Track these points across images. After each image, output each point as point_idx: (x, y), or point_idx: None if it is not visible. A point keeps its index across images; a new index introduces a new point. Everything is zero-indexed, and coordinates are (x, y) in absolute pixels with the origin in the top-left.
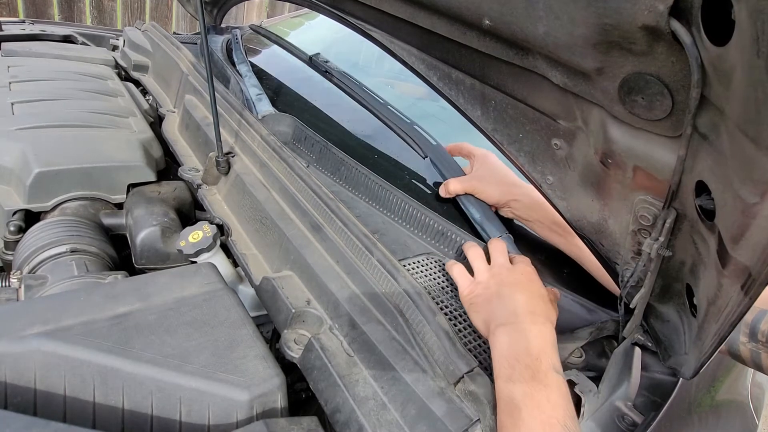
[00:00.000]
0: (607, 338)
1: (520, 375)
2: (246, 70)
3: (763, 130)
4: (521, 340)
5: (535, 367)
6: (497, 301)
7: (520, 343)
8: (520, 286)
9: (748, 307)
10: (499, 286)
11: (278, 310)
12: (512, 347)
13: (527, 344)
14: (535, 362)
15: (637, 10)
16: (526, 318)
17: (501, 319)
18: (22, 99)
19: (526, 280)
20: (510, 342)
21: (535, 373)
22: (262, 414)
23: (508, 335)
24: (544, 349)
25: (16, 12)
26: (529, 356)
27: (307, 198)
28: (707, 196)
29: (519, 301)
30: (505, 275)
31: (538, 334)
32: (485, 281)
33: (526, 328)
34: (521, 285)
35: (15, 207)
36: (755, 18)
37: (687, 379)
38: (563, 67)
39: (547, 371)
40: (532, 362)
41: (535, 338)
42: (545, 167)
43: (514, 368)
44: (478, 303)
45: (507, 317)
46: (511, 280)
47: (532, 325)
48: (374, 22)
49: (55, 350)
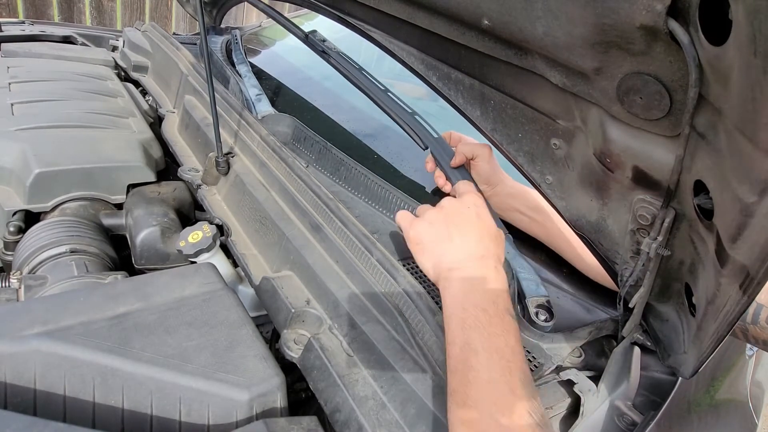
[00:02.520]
0: (606, 338)
1: (476, 320)
2: (245, 71)
3: (760, 129)
4: (475, 285)
5: (491, 311)
6: (447, 244)
7: (475, 288)
8: (471, 226)
9: (747, 306)
10: (448, 226)
11: (278, 310)
12: (466, 292)
13: (482, 288)
14: (491, 306)
15: (635, 10)
16: (478, 262)
17: (451, 263)
18: (21, 99)
19: (476, 218)
20: (463, 287)
21: (492, 317)
22: (261, 414)
23: (461, 280)
24: (499, 293)
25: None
26: (484, 300)
27: (307, 198)
28: (705, 195)
29: (470, 243)
30: (453, 209)
31: (492, 279)
32: (430, 215)
33: (480, 272)
34: (472, 224)
35: (15, 207)
36: (752, 18)
37: (686, 378)
38: (562, 67)
39: (503, 315)
40: (488, 306)
41: (490, 282)
42: (544, 167)
43: (469, 312)
44: (425, 243)
45: (458, 261)
46: (461, 219)
47: (485, 270)
48: (373, 22)
49: (54, 350)
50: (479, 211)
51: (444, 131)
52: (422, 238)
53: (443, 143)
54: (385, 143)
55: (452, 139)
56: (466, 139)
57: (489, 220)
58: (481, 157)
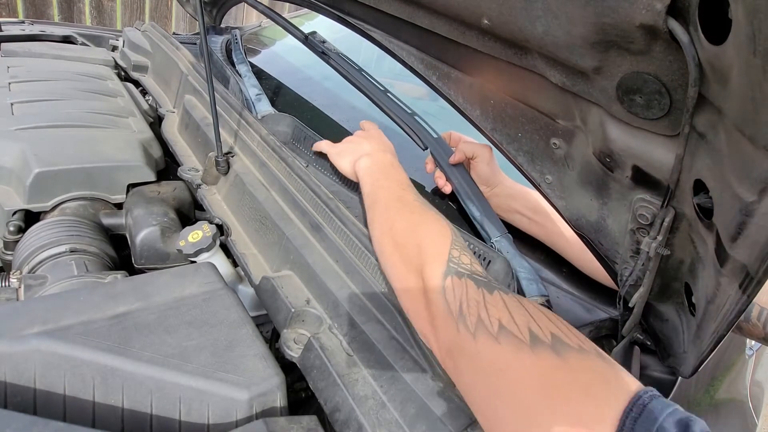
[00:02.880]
0: (606, 337)
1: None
2: (245, 71)
3: (760, 129)
4: (380, 161)
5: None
6: (357, 146)
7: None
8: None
9: (746, 305)
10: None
11: (278, 309)
12: (374, 164)
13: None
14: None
15: (635, 9)
16: (380, 153)
17: (360, 155)
18: (21, 99)
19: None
20: (372, 162)
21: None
22: (261, 413)
23: (370, 159)
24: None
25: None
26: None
27: (307, 198)
28: (705, 194)
29: (374, 143)
30: (356, 134)
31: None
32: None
33: (382, 155)
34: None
35: (15, 207)
36: (752, 17)
37: (686, 377)
38: (562, 67)
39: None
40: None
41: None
42: (544, 166)
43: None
44: (342, 150)
45: (363, 153)
46: (363, 135)
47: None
48: (373, 22)
49: (54, 350)
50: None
51: (444, 131)
52: (340, 149)
53: (443, 144)
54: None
55: (452, 139)
56: (466, 140)
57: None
58: (481, 157)
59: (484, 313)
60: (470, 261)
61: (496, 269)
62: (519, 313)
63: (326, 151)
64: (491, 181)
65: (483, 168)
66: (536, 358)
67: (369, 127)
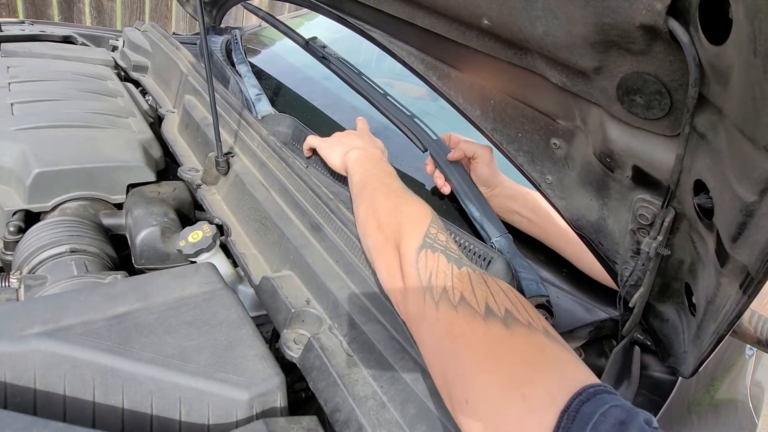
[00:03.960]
0: (606, 337)
1: (366, 168)
2: (245, 71)
3: (760, 129)
4: (370, 154)
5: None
6: (348, 140)
7: (370, 155)
8: (359, 131)
9: (747, 305)
10: (344, 136)
11: (278, 309)
12: (364, 156)
13: (369, 155)
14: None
15: (635, 9)
16: (370, 148)
17: (350, 148)
18: (21, 99)
19: (367, 135)
20: (363, 154)
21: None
22: (261, 413)
23: (361, 152)
24: (381, 158)
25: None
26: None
27: (307, 198)
28: (705, 194)
29: (363, 140)
30: (349, 131)
31: (374, 152)
32: (335, 134)
33: (370, 150)
34: (360, 131)
35: (15, 207)
36: (752, 17)
37: (686, 377)
38: (562, 67)
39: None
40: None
41: (374, 154)
42: (544, 167)
43: (363, 166)
44: (332, 143)
45: (352, 147)
46: (352, 132)
47: (374, 150)
48: (373, 22)
49: (54, 350)
50: (364, 128)
51: (444, 131)
52: (330, 142)
53: (442, 145)
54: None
55: (452, 140)
56: (466, 141)
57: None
58: (480, 158)
59: (449, 285)
60: (446, 239)
61: (496, 269)
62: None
63: (316, 146)
64: (491, 182)
65: (482, 169)
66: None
67: (362, 126)
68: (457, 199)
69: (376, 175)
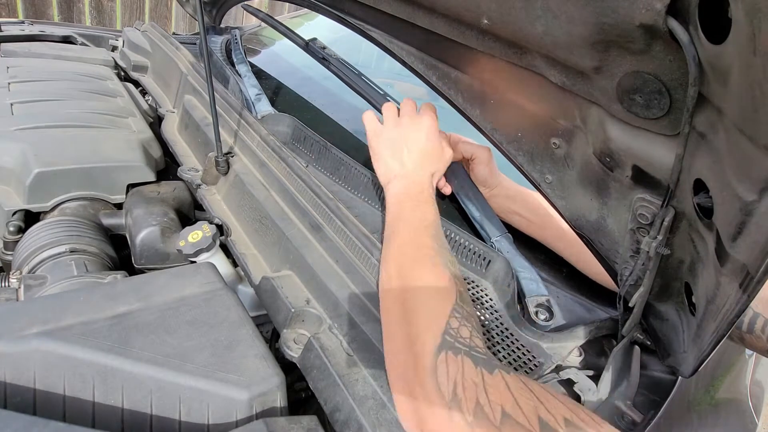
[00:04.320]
0: (606, 337)
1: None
2: (245, 71)
3: (760, 128)
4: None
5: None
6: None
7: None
8: (419, 146)
9: (747, 305)
10: (402, 144)
11: (278, 309)
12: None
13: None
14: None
15: (635, 9)
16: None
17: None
18: (21, 99)
19: (425, 140)
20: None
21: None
22: (261, 413)
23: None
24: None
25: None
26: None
27: (307, 198)
28: (705, 194)
29: (414, 159)
30: (409, 128)
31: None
32: (389, 129)
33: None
34: (420, 144)
35: (14, 207)
36: (751, 16)
37: (686, 377)
38: (561, 66)
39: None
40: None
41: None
42: (544, 166)
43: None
44: (381, 155)
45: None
46: (413, 139)
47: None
48: (373, 22)
49: (54, 350)
50: (429, 133)
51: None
52: (380, 150)
53: None
54: None
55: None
56: (465, 141)
57: (436, 141)
58: (479, 159)
59: (484, 398)
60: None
61: (496, 269)
62: (525, 397)
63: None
64: (490, 183)
65: (482, 169)
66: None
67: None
68: (457, 199)
69: (409, 222)
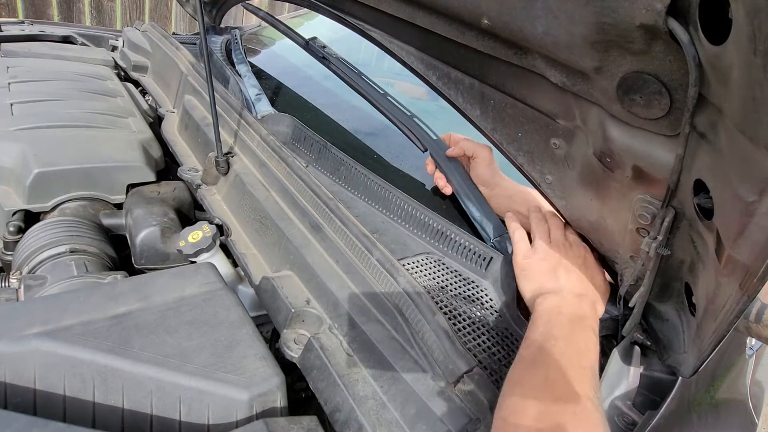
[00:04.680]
0: (606, 337)
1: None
2: (245, 71)
3: (760, 129)
4: (570, 311)
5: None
6: (551, 277)
7: (568, 313)
8: (576, 270)
9: (747, 305)
10: (557, 265)
11: (278, 309)
12: (559, 313)
13: (572, 311)
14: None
15: (635, 9)
16: (575, 297)
17: (551, 290)
18: (21, 99)
19: (583, 265)
20: (558, 307)
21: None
22: (261, 413)
23: (559, 302)
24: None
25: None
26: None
27: (307, 198)
28: (705, 194)
29: (572, 281)
30: (567, 253)
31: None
32: (544, 252)
33: (574, 302)
34: (578, 269)
35: (14, 207)
36: (752, 17)
37: (686, 377)
38: (562, 67)
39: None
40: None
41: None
42: (544, 166)
43: (553, 323)
44: (533, 271)
45: (557, 290)
46: (570, 262)
47: (581, 304)
48: (373, 22)
49: (54, 350)
50: (587, 261)
51: (444, 131)
52: (531, 268)
53: (442, 145)
54: (385, 143)
55: (452, 140)
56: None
57: (595, 270)
58: (480, 158)
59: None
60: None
61: (496, 269)
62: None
63: (514, 254)
64: (490, 182)
65: (482, 169)
66: None
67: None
68: (457, 199)
69: (561, 354)
